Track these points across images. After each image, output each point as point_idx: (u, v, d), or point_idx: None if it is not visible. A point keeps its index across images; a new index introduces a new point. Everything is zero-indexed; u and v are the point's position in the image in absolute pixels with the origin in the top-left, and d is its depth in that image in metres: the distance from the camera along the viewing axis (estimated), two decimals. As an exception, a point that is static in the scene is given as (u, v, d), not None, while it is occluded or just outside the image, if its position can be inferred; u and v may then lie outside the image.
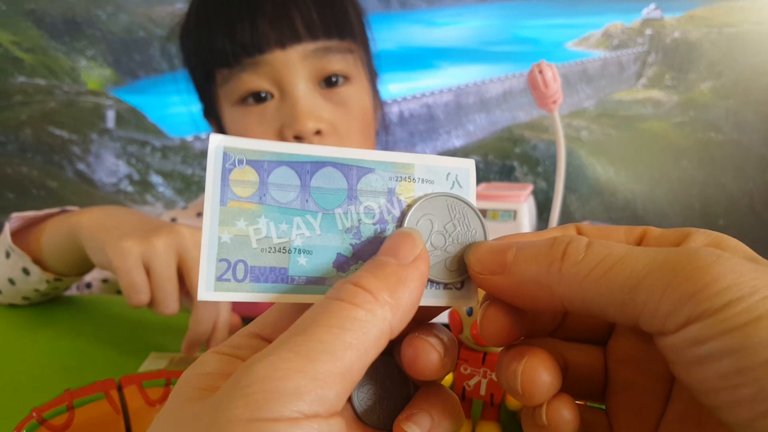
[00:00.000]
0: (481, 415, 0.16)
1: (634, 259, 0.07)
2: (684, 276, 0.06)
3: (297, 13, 0.26)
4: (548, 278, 0.07)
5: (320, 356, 0.06)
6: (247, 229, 0.08)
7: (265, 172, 0.08)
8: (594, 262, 0.07)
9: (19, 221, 0.26)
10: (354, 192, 0.08)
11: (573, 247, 0.07)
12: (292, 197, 0.08)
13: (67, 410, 0.15)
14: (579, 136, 0.92)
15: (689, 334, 0.06)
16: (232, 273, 0.07)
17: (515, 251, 0.08)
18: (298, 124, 0.27)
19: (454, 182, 0.08)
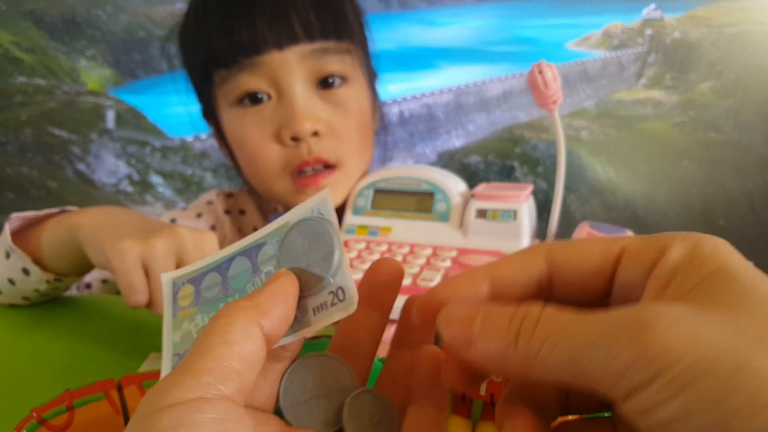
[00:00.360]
0: (481, 415, 0.16)
1: (577, 332, 0.07)
2: (620, 347, 0.06)
3: (295, 14, 0.26)
4: (507, 356, 0.08)
5: (193, 358, 0.08)
6: (189, 327, 0.10)
7: (198, 282, 0.10)
8: (541, 339, 0.07)
9: (19, 221, 0.26)
10: (256, 266, 0.10)
11: (525, 325, 0.07)
12: (217, 291, 0.10)
13: (67, 410, 0.15)
14: (579, 136, 0.92)
15: (634, 405, 0.06)
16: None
17: (480, 323, 0.08)
18: (295, 125, 0.27)
19: (317, 212, 0.10)
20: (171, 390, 0.07)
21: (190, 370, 0.08)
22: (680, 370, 0.06)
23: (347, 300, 0.09)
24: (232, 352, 0.08)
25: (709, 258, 0.07)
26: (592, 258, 0.08)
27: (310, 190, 0.29)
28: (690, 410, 0.06)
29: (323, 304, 0.09)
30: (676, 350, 0.06)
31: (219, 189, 0.39)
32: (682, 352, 0.06)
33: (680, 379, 0.06)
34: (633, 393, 0.06)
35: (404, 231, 0.27)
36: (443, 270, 0.23)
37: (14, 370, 0.21)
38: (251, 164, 0.30)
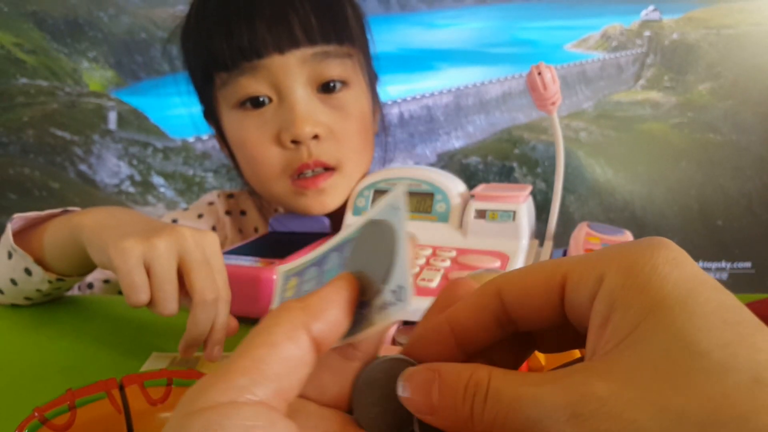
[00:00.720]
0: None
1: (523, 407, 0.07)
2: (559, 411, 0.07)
3: (295, 17, 0.26)
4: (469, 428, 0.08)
5: (233, 359, 0.08)
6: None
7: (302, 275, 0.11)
8: (492, 414, 0.08)
9: (21, 222, 0.26)
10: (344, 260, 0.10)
11: (477, 401, 0.08)
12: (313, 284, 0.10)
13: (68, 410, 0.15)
14: (578, 137, 0.93)
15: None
16: None
17: (437, 391, 0.08)
18: (296, 128, 0.27)
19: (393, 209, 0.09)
20: (205, 392, 0.07)
21: (226, 371, 0.07)
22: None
23: (405, 302, 0.09)
24: (273, 354, 0.08)
25: (645, 289, 0.07)
26: (536, 289, 0.09)
27: (309, 192, 0.29)
28: None
29: (386, 303, 0.09)
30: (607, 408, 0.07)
31: (220, 190, 0.39)
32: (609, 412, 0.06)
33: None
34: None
35: (404, 231, 0.27)
36: (443, 270, 0.23)
37: (16, 369, 0.21)
38: (251, 166, 0.30)
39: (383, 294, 0.09)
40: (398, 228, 0.09)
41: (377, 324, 0.09)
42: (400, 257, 0.09)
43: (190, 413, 0.07)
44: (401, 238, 0.09)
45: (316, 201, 0.29)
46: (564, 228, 0.28)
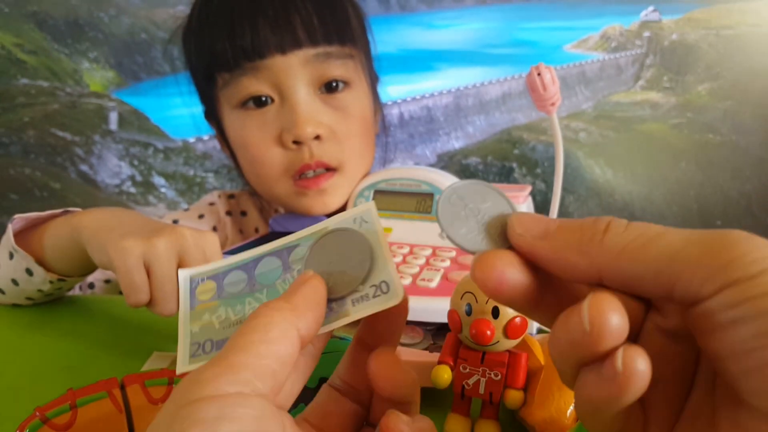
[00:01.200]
0: (480, 414, 0.16)
1: (671, 235, 0.07)
2: (718, 249, 0.07)
3: (298, 18, 0.26)
4: (590, 247, 0.08)
5: (231, 353, 0.08)
6: (210, 318, 0.10)
7: (221, 279, 0.11)
8: (634, 235, 0.07)
9: (22, 222, 0.26)
10: (287, 264, 0.10)
11: (615, 224, 0.08)
12: (242, 287, 0.11)
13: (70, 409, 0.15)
14: (577, 137, 0.93)
15: (723, 299, 0.07)
16: (202, 349, 0.10)
17: (558, 222, 0.08)
18: (297, 129, 0.27)
19: (361, 222, 0.10)
20: (210, 382, 0.07)
21: (228, 364, 0.08)
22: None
23: (391, 292, 0.09)
24: (270, 350, 0.08)
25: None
26: None
27: (311, 192, 0.29)
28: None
29: (364, 296, 0.10)
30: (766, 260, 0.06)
31: (221, 190, 0.39)
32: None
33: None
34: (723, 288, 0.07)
35: (404, 231, 0.27)
36: (443, 270, 0.23)
37: (17, 369, 0.21)
38: (253, 166, 0.30)
39: (361, 290, 0.10)
40: (371, 237, 0.10)
41: (353, 314, 0.10)
42: (380, 258, 0.10)
43: (197, 400, 0.07)
44: (378, 244, 0.10)
45: (318, 201, 0.29)
46: (563, 228, 0.28)
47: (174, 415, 0.07)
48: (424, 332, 0.20)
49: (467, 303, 0.15)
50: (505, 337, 0.14)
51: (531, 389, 0.15)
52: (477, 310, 0.14)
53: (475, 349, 0.15)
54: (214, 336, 0.10)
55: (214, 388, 0.07)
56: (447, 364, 0.15)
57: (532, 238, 0.08)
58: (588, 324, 0.07)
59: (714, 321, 0.07)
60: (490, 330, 0.14)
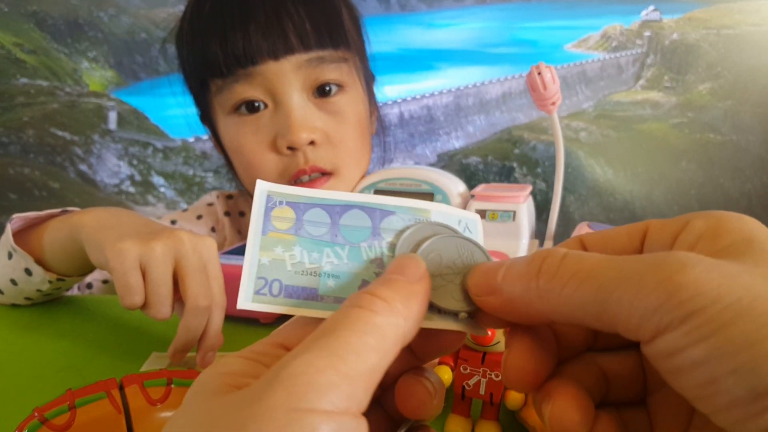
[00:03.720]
0: (481, 415, 0.16)
1: (603, 273, 0.07)
2: (649, 288, 0.06)
3: (290, 23, 0.26)
4: (529, 295, 0.08)
5: (348, 356, 0.07)
6: (283, 254, 0.09)
7: (301, 211, 0.10)
8: (566, 277, 0.07)
9: (21, 222, 0.26)
10: (378, 230, 0.09)
11: (547, 264, 0.07)
12: (323, 232, 0.09)
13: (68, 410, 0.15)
14: (578, 137, 0.93)
15: (661, 345, 0.06)
16: (269, 289, 0.09)
17: (504, 271, 0.08)
18: (292, 135, 0.27)
19: (465, 228, 0.10)
20: (328, 391, 0.07)
21: (346, 373, 0.07)
22: (714, 312, 0.06)
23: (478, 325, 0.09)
24: (382, 365, 0.07)
25: (734, 230, 0.07)
26: (619, 238, 0.09)
27: None
28: (719, 353, 0.06)
29: (453, 312, 0.09)
30: (710, 293, 0.06)
31: (219, 191, 0.39)
32: (717, 295, 0.06)
33: (713, 321, 0.06)
34: (661, 334, 0.06)
35: (404, 231, 0.27)
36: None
37: (16, 369, 0.21)
38: (248, 171, 0.30)
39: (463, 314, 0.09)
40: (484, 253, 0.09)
41: (435, 321, 0.09)
42: None
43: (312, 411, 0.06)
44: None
45: None
46: (564, 228, 0.28)
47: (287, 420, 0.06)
48: (425, 332, 0.20)
49: (467, 303, 0.15)
50: (506, 338, 0.15)
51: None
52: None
53: (476, 349, 0.15)
54: (285, 278, 0.09)
55: (332, 403, 0.07)
56: (447, 365, 0.15)
57: (485, 297, 0.08)
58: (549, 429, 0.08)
59: (659, 365, 0.07)
60: (491, 330, 0.14)
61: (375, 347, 0.07)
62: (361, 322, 0.07)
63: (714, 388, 0.06)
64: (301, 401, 0.06)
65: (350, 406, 0.07)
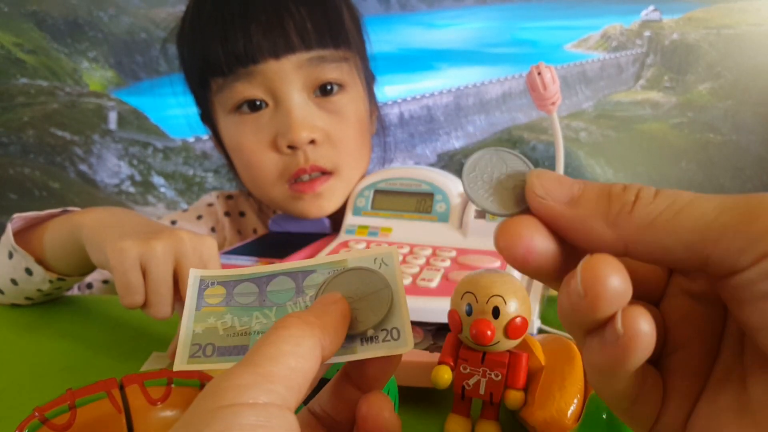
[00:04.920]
0: (481, 414, 0.16)
1: (704, 202, 0.07)
2: (756, 215, 0.06)
3: (291, 23, 0.26)
4: (618, 219, 0.07)
5: (264, 362, 0.08)
6: (215, 323, 0.10)
7: (231, 287, 0.11)
8: (664, 204, 0.07)
9: (21, 221, 0.26)
10: (301, 288, 0.11)
11: (644, 193, 0.07)
12: (252, 300, 0.11)
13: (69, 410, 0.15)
14: (578, 137, 0.93)
15: (762, 269, 0.06)
16: (202, 352, 0.10)
17: (584, 186, 0.08)
18: (292, 134, 0.27)
19: (381, 264, 0.10)
20: (249, 389, 0.07)
21: (264, 374, 0.08)
22: None
23: (401, 340, 0.10)
24: (300, 365, 0.08)
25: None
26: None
27: (307, 196, 0.29)
28: None
29: (373, 338, 0.10)
30: None
31: (219, 191, 0.39)
32: None
33: None
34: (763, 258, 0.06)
35: (404, 231, 0.27)
36: (443, 270, 0.23)
37: (16, 369, 0.21)
38: (248, 171, 0.30)
39: (371, 332, 0.10)
40: (391, 282, 0.10)
41: (359, 353, 0.10)
42: (396, 304, 0.10)
43: (235, 405, 0.07)
44: (396, 290, 0.10)
45: (314, 205, 0.29)
46: (564, 228, 0.28)
47: (212, 416, 0.07)
48: (424, 332, 0.20)
49: (467, 303, 0.15)
50: (506, 338, 0.14)
51: (531, 390, 0.15)
52: (477, 310, 0.14)
53: (476, 349, 0.15)
54: (217, 341, 0.10)
55: (252, 396, 0.07)
56: (447, 365, 0.15)
57: (555, 203, 0.07)
58: (582, 289, 0.07)
59: (751, 292, 0.06)
60: (491, 330, 0.14)
61: (290, 352, 0.08)
62: (276, 336, 0.08)
63: None
64: (224, 400, 0.07)
65: (273, 399, 0.07)
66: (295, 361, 0.08)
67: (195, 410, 0.07)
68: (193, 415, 0.07)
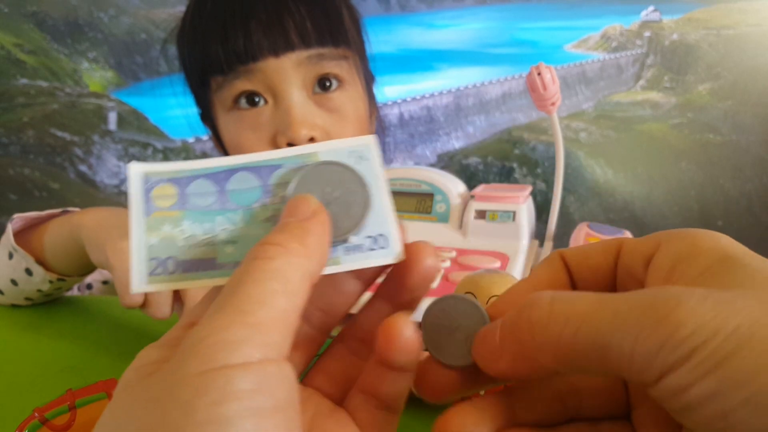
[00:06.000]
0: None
1: (598, 317, 0.07)
2: (648, 330, 0.06)
3: (290, 21, 0.26)
4: (530, 351, 0.07)
5: (252, 307, 0.07)
6: (172, 231, 0.09)
7: (184, 185, 0.09)
8: (560, 325, 0.07)
9: (21, 222, 0.26)
10: (268, 187, 0.09)
11: (536, 314, 0.07)
12: (212, 201, 0.09)
13: (69, 410, 0.15)
14: (578, 137, 0.93)
15: (667, 385, 0.06)
16: (164, 268, 0.08)
17: (499, 331, 0.08)
18: (292, 131, 0.27)
19: (359, 157, 0.09)
20: (240, 345, 0.06)
21: (254, 323, 0.06)
22: (716, 345, 0.06)
23: (390, 249, 0.08)
24: (291, 305, 0.07)
25: (710, 249, 0.07)
26: (595, 256, 0.09)
27: None
28: (727, 385, 0.06)
29: (358, 246, 0.08)
30: (708, 325, 0.06)
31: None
32: (715, 328, 0.06)
33: (717, 354, 0.06)
34: (665, 374, 0.06)
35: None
36: (443, 270, 0.23)
37: (16, 370, 0.21)
38: None
39: (354, 240, 0.08)
40: (372, 180, 0.09)
41: (344, 264, 0.08)
42: (378, 206, 0.09)
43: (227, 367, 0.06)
44: (377, 188, 0.09)
45: None
46: (564, 228, 0.28)
47: (201, 382, 0.06)
48: (424, 333, 0.20)
49: (467, 304, 0.15)
50: (506, 338, 0.14)
51: (531, 390, 0.15)
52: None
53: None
54: (178, 254, 0.08)
55: (246, 354, 0.06)
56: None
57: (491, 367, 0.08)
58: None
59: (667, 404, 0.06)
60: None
61: (279, 290, 0.07)
62: (260, 272, 0.07)
63: (727, 421, 0.06)
64: (212, 361, 0.06)
65: (268, 353, 0.06)
66: (285, 300, 0.07)
67: (178, 373, 0.06)
68: (177, 381, 0.06)
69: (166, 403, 0.06)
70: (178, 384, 0.06)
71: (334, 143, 0.09)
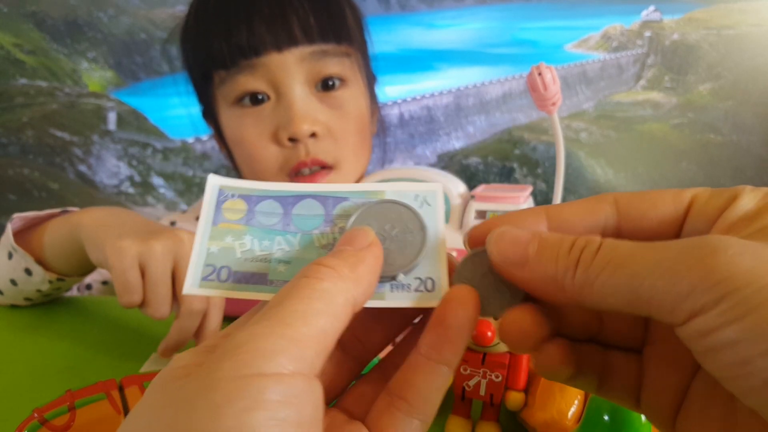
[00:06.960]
0: (481, 416, 0.16)
1: (637, 260, 0.07)
2: (682, 273, 0.06)
3: (294, 16, 0.26)
4: (563, 281, 0.07)
5: (295, 322, 0.07)
6: (233, 243, 0.09)
7: (253, 203, 0.10)
8: (601, 265, 0.07)
9: (21, 222, 0.26)
10: (330, 216, 0.09)
11: (585, 254, 0.07)
12: (275, 221, 0.09)
13: (68, 411, 0.15)
14: (578, 137, 0.93)
15: (694, 327, 0.06)
16: (216, 275, 0.09)
17: (537, 246, 0.08)
18: (293, 126, 0.27)
19: (423, 202, 0.09)
20: (274, 356, 0.07)
21: (292, 337, 0.07)
22: (747, 294, 0.06)
23: (436, 292, 0.09)
24: (331, 327, 0.07)
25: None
26: (663, 205, 0.08)
27: None
28: (752, 334, 0.06)
29: (406, 285, 0.09)
30: (743, 275, 0.06)
31: (219, 191, 0.38)
32: (749, 278, 0.06)
33: (746, 303, 0.06)
34: (695, 316, 0.06)
35: (404, 232, 0.27)
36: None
37: (16, 370, 0.21)
38: (249, 164, 0.30)
39: (403, 278, 0.09)
40: (430, 224, 0.09)
41: (387, 299, 0.09)
42: (433, 251, 0.09)
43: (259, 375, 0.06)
44: (435, 235, 0.09)
45: None
46: (564, 228, 0.28)
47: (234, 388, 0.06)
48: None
49: (468, 304, 0.15)
50: (506, 339, 0.14)
51: (532, 391, 0.15)
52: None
53: (476, 350, 0.15)
54: (234, 265, 0.09)
55: (279, 365, 0.06)
56: (447, 366, 0.15)
57: (511, 266, 0.08)
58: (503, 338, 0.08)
59: (692, 346, 0.07)
60: (491, 331, 0.14)
61: (323, 311, 0.07)
62: (308, 289, 0.07)
63: (746, 369, 0.06)
64: (247, 367, 0.06)
65: (300, 368, 0.07)
66: (326, 321, 0.07)
67: (212, 376, 0.06)
68: (211, 383, 0.06)
69: (197, 405, 0.06)
70: (211, 387, 0.06)
71: (403, 185, 0.10)
